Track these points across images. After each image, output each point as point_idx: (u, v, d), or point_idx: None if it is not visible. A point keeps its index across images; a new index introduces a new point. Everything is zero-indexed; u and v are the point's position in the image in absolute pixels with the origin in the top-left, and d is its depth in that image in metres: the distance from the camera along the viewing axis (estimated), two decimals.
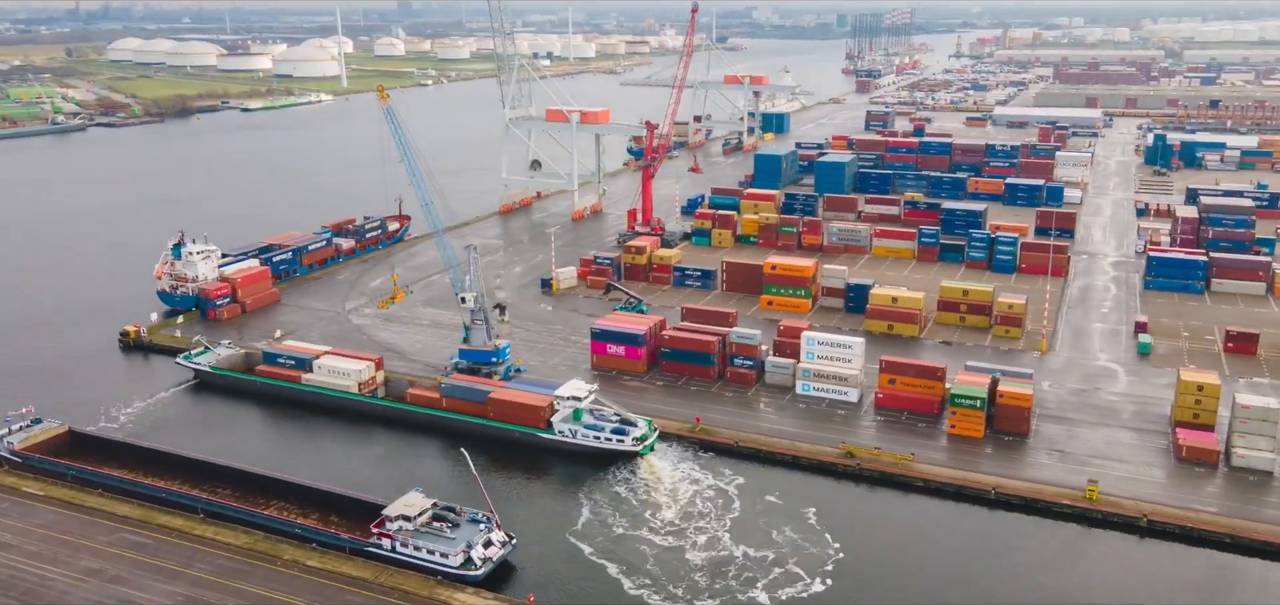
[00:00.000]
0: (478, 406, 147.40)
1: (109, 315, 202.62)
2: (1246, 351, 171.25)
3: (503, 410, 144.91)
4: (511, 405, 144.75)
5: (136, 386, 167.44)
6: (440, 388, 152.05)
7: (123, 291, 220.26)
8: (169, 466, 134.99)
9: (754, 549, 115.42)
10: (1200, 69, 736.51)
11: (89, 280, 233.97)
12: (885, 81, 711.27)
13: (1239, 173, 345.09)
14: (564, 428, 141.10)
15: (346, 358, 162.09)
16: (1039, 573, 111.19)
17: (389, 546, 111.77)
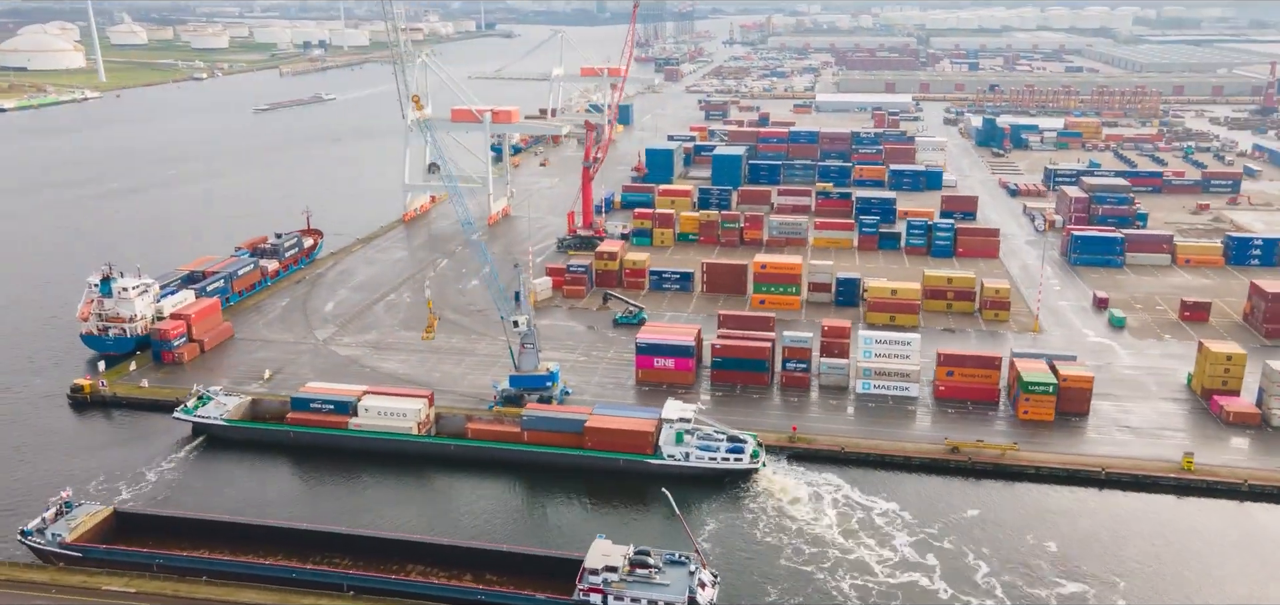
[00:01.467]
0: (571, 437, 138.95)
1: (28, 370, 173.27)
2: (1200, 319, 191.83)
3: (603, 439, 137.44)
4: (613, 432, 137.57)
5: (129, 453, 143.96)
6: (522, 420, 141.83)
7: (25, 340, 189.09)
8: (256, 539, 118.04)
9: (989, 560, 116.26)
10: (962, 55, 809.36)
11: None
12: (687, 70, 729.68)
13: (1058, 151, 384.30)
14: (674, 451, 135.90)
15: (395, 396, 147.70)
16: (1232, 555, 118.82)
17: (600, 600, 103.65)
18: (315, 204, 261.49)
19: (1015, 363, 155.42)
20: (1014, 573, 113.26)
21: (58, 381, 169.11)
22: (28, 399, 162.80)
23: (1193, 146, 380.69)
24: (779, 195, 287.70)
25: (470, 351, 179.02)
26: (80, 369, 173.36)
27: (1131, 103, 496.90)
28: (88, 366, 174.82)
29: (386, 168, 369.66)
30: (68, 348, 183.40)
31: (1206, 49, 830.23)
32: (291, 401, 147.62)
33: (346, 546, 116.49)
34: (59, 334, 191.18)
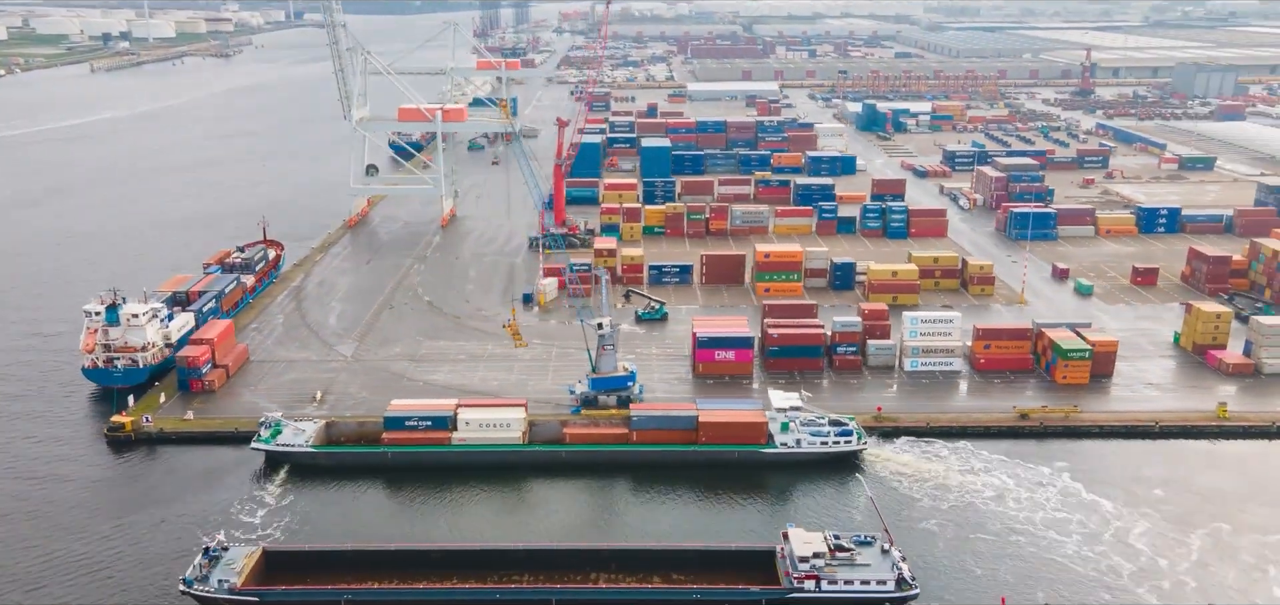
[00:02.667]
0: (685, 434, 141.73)
1: (35, 417, 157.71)
2: (1149, 283, 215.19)
3: (717, 432, 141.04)
4: (728, 426, 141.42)
5: (211, 491, 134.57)
6: (633, 420, 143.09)
7: (7, 384, 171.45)
8: (416, 564, 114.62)
9: (1140, 508, 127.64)
10: (797, 42, 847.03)
11: None
12: (539, 59, 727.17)
13: (934, 134, 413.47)
14: (785, 439, 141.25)
15: (494, 407, 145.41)
16: None
17: (814, 587, 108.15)
18: (250, 211, 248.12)
19: (1044, 332, 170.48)
20: (1172, 520, 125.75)
21: (79, 424, 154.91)
22: (58, 447, 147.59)
23: (1047, 127, 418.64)
24: (721, 185, 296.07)
25: (513, 357, 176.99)
26: (88, 408, 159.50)
27: (975, 86, 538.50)
28: (94, 403, 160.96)
29: (305, 170, 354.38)
30: (66, 385, 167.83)
31: (998, 36, 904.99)
32: (385, 421, 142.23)
33: (506, 562, 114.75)
34: (46, 372, 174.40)
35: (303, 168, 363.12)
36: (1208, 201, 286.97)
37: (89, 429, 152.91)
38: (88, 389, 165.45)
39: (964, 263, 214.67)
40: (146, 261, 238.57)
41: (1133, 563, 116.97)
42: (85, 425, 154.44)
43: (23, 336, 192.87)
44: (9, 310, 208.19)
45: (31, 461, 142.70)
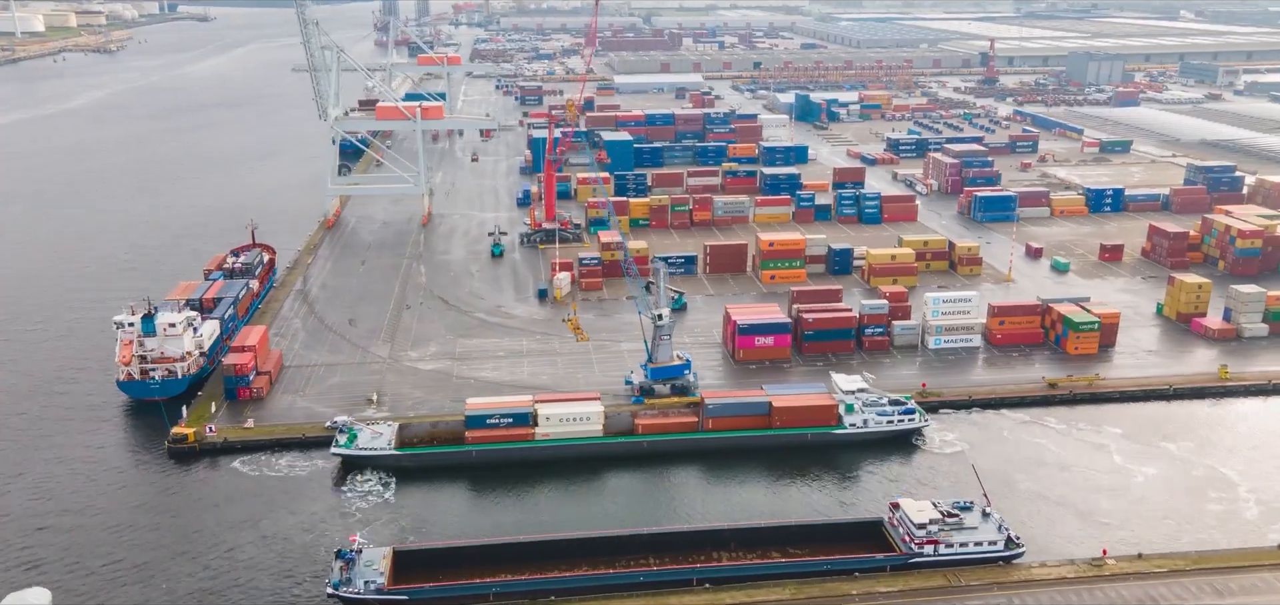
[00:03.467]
0: (759, 419, 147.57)
1: (72, 436, 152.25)
2: (1115, 258, 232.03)
3: (791, 417, 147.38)
4: (801, 409, 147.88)
5: (299, 499, 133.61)
6: (707, 408, 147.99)
7: (31, 401, 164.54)
8: (555, 553, 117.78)
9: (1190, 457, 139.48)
10: (704, 34, 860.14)
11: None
12: (445, 52, 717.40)
13: (865, 122, 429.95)
14: (854, 419, 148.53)
15: (572, 401, 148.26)
16: None
17: (933, 551, 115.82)
18: (216, 214, 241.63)
19: (1052, 307, 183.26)
20: (1229, 467, 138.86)
21: (131, 439, 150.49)
22: (120, 466, 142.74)
23: (970, 114, 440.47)
24: (690, 176, 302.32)
25: (553, 352, 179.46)
26: (132, 422, 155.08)
27: (889, 76, 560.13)
28: (135, 416, 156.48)
29: (262, 171, 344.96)
30: (99, 399, 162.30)
31: (890, 26, 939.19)
32: (467, 420, 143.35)
33: (631, 546, 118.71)
34: (70, 386, 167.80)
35: (258, 169, 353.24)
36: (1135, 181, 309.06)
37: (145, 443, 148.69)
38: (119, 402, 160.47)
39: (951, 245, 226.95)
40: (131, 269, 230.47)
41: (1213, 506, 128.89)
42: (139, 440, 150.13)
43: (29, 351, 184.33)
44: (6, 325, 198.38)
45: (99, 483, 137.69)
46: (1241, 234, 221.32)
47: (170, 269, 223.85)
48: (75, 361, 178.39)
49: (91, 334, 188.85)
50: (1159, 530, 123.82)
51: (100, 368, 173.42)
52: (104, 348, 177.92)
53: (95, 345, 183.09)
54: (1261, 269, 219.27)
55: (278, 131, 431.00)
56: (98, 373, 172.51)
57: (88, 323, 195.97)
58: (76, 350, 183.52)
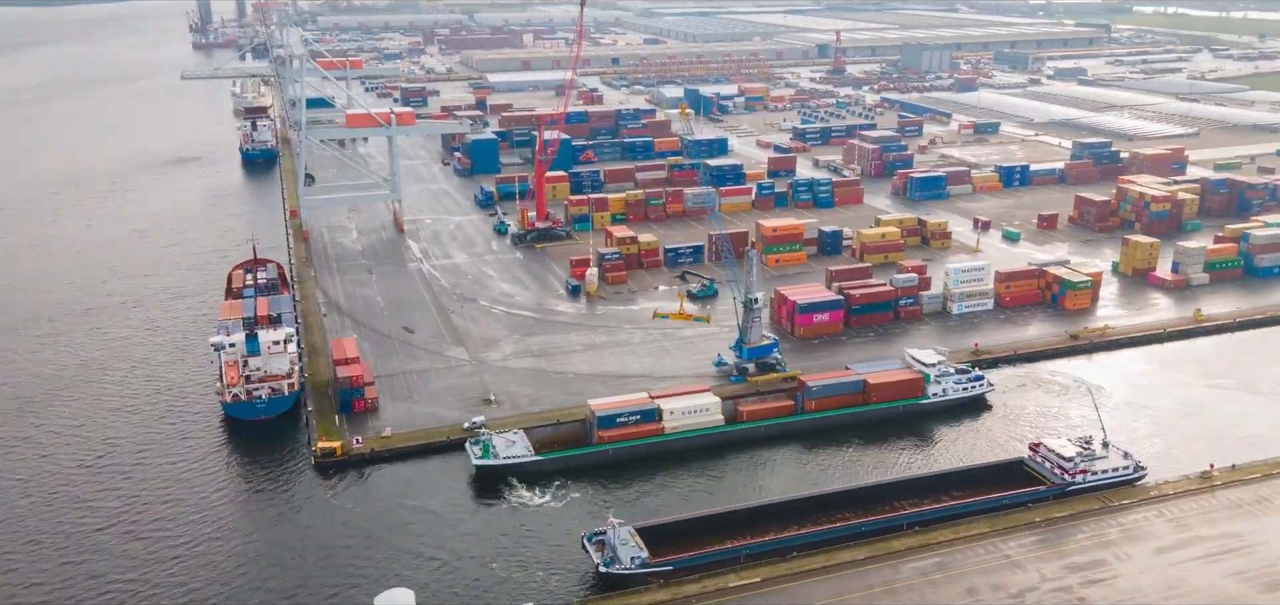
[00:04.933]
0: (856, 396, 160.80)
1: (186, 469, 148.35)
2: (1052, 226, 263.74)
3: (885, 392, 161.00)
4: (893, 384, 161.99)
5: (463, 502, 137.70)
6: (809, 390, 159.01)
7: (124, 427, 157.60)
8: (767, 517, 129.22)
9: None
10: (543, 31, 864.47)
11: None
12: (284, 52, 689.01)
13: (749, 115, 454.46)
14: (935, 389, 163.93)
15: (689, 395, 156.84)
16: None
17: (1083, 479, 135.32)
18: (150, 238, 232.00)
19: (1046, 270, 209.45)
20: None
21: (263, 459, 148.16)
22: (274, 486, 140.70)
23: (843, 102, 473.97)
24: (639, 172, 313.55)
25: (628, 343, 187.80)
26: (247, 443, 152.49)
27: (748, 68, 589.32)
28: (230, 435, 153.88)
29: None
30: (201, 424, 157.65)
31: (715, 20, 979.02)
32: (598, 420, 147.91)
33: (827, 505, 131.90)
34: (167, 418, 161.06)
35: (161, 184, 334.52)
36: (1021, 158, 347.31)
37: (282, 460, 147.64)
38: (217, 425, 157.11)
39: (922, 222, 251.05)
40: (125, 293, 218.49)
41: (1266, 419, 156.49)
42: (274, 458, 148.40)
43: (96, 389, 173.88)
44: (61, 353, 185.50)
45: (276, 503, 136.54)
46: (1155, 199, 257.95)
47: (169, 290, 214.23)
48: (151, 392, 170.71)
49: (144, 364, 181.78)
50: (1233, 443, 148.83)
51: (182, 394, 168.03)
52: (164, 375, 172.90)
53: (157, 374, 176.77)
54: (1168, 228, 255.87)
55: (166, 140, 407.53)
56: (179, 398, 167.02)
57: (128, 351, 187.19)
58: (147, 381, 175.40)
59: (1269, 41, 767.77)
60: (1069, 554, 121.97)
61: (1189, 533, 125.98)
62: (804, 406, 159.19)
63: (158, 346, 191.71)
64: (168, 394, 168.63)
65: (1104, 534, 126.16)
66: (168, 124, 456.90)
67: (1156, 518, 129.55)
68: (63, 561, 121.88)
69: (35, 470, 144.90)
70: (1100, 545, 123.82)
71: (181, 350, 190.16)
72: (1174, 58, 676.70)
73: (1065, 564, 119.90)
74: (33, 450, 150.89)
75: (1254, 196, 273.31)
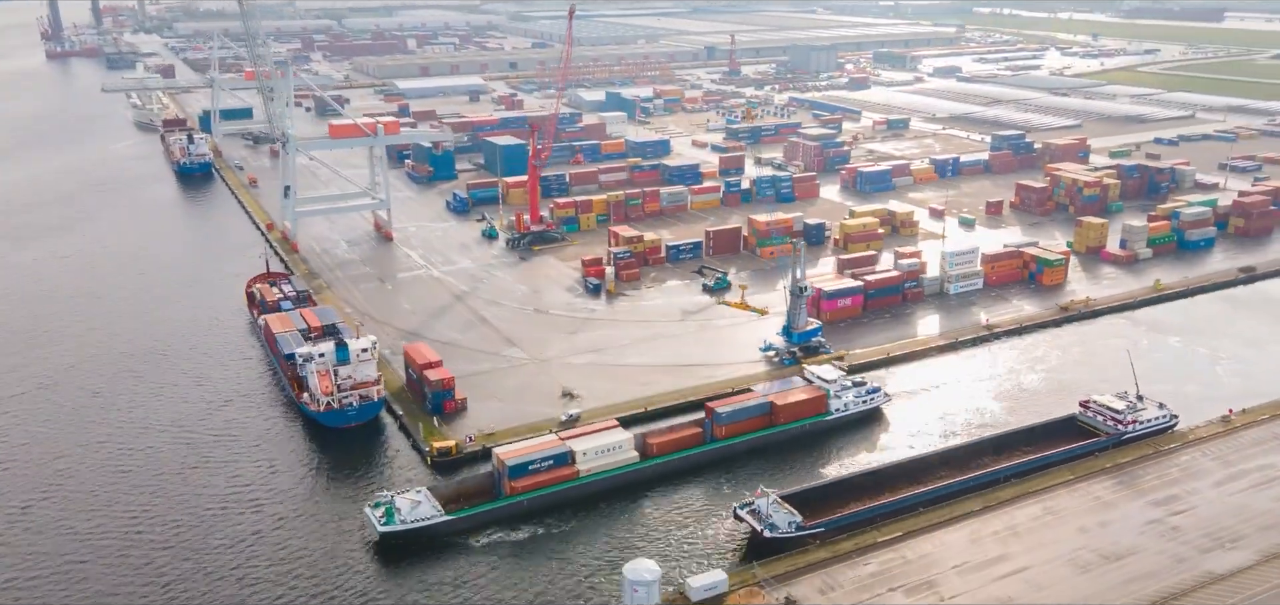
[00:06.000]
0: (764, 418, 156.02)
1: (297, 471, 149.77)
2: (997, 212, 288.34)
3: (791, 412, 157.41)
4: (800, 404, 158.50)
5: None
6: (718, 416, 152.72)
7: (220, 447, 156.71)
8: (884, 480, 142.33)
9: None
10: (428, 37, 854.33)
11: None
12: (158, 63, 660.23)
13: (670, 116, 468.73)
14: (836, 405, 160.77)
15: (598, 433, 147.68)
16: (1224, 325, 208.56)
17: (1135, 427, 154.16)
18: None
19: (1022, 250, 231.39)
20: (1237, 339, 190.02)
21: (377, 464, 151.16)
22: (402, 485, 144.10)
23: (754, 103, 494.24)
24: (602, 174, 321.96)
25: (670, 336, 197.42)
26: (348, 449, 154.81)
27: (651, 71, 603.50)
28: (326, 445, 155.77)
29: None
30: (287, 434, 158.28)
31: (587, 23, 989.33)
32: (510, 470, 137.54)
33: (918, 469, 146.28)
34: (245, 435, 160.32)
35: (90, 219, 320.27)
36: (939, 151, 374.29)
37: (394, 461, 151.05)
38: (299, 434, 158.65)
39: (892, 213, 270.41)
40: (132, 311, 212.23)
41: (1258, 367, 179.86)
42: (386, 460, 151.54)
43: (162, 417, 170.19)
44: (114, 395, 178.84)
45: None
46: (1087, 184, 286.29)
47: (189, 319, 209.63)
48: (218, 408, 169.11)
49: (199, 385, 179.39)
50: (1231, 390, 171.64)
51: (251, 405, 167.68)
52: (221, 389, 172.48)
53: (211, 394, 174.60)
54: (1098, 210, 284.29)
55: (75, 160, 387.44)
56: (252, 409, 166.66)
57: (171, 375, 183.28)
58: (210, 399, 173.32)
59: (1102, 40, 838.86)
60: (1146, 493, 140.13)
61: (1234, 467, 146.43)
62: (713, 433, 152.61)
63: (211, 371, 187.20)
64: (237, 402, 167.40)
65: (1166, 473, 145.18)
66: (68, 143, 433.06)
67: (1201, 457, 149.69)
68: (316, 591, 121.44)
69: (194, 519, 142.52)
70: (1166, 484, 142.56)
71: (226, 366, 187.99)
72: (1027, 56, 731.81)
73: (1146, 501, 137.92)
74: (188, 512, 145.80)
75: (1162, 179, 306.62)
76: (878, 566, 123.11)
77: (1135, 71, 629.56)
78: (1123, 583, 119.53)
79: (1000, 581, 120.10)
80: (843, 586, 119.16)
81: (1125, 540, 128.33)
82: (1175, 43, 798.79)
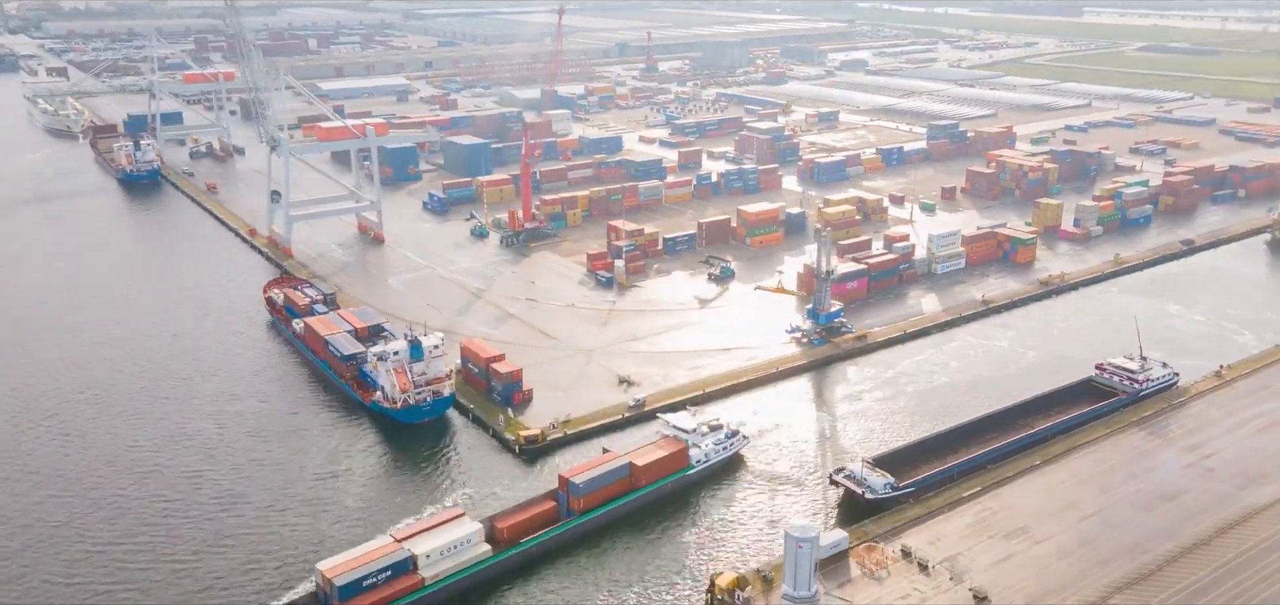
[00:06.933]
0: (625, 482, 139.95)
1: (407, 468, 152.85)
2: (951, 197, 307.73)
3: (652, 471, 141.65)
4: (660, 462, 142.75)
5: None
6: (574, 487, 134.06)
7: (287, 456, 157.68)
8: (953, 441, 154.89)
9: None
10: (329, 37, 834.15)
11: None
12: (53, 68, 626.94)
13: (606, 113, 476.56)
14: (697, 455, 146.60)
15: (441, 526, 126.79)
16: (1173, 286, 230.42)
17: (1149, 384, 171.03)
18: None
19: (996, 231, 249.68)
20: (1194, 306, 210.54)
21: (466, 452, 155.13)
22: (496, 479, 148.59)
23: (683, 98, 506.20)
24: (572, 171, 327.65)
25: (693, 324, 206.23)
26: (409, 451, 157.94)
27: (570, 68, 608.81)
28: (401, 441, 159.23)
29: None
30: (366, 430, 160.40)
31: (481, 21, 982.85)
32: (339, 591, 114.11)
33: (976, 430, 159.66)
34: (331, 440, 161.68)
35: None
36: (876, 141, 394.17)
37: (479, 448, 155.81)
38: (369, 431, 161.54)
39: (862, 201, 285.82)
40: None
41: (1224, 326, 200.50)
42: (472, 450, 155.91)
43: (245, 436, 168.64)
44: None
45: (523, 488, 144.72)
46: (1031, 169, 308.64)
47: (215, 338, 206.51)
48: (284, 416, 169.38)
49: (261, 400, 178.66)
50: (1209, 346, 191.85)
51: (312, 410, 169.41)
52: (279, 400, 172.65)
53: (272, 406, 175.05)
54: (1041, 193, 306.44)
55: None
56: (312, 414, 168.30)
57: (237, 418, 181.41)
58: (273, 411, 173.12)
59: (982, 34, 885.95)
60: (1174, 441, 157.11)
61: (1239, 414, 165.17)
62: (570, 506, 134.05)
63: (257, 383, 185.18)
64: (308, 423, 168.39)
65: (1184, 424, 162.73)
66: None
67: (1209, 407, 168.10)
68: None
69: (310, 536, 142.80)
70: (1187, 432, 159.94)
71: (264, 374, 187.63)
72: (920, 49, 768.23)
73: (1176, 448, 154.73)
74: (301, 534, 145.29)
75: (1092, 163, 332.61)
76: (972, 518, 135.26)
77: (1023, 64, 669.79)
78: (1183, 519, 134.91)
79: (1082, 523, 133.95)
80: (947, 537, 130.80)
81: (1172, 483, 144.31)
82: (1047, 36, 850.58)
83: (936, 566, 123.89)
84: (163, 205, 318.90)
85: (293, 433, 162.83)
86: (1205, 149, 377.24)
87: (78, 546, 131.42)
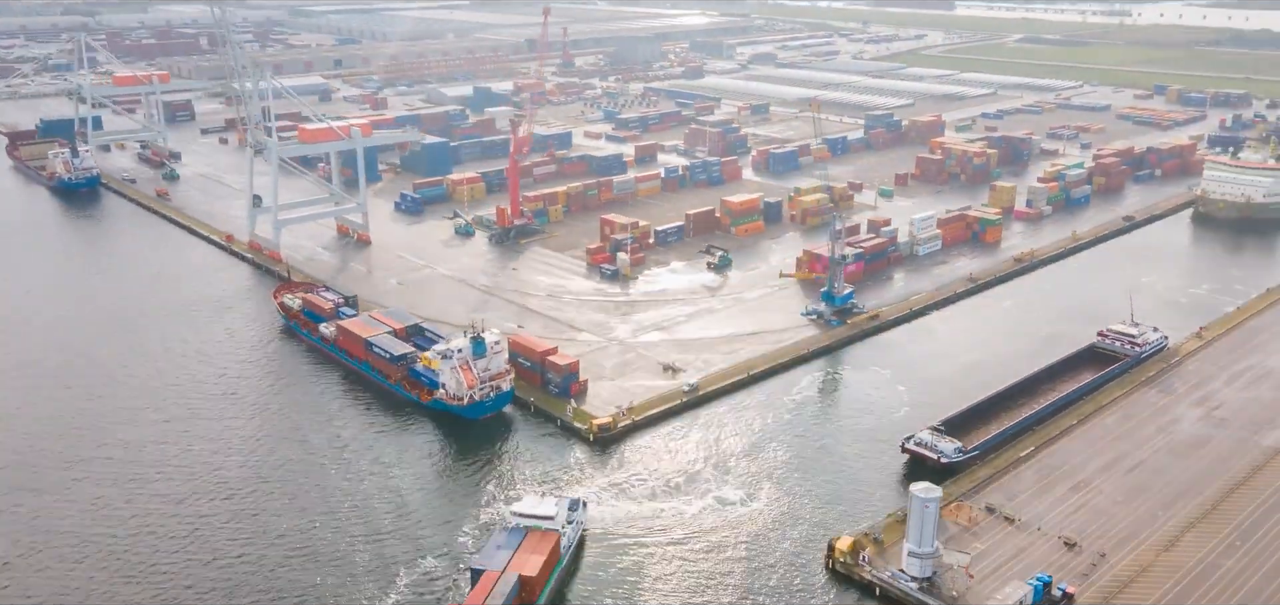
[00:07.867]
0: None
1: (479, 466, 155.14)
2: (903, 182, 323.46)
3: (542, 577, 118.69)
4: (546, 565, 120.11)
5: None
6: None
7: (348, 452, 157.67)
8: (993, 407, 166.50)
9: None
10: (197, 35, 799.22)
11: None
12: None
13: (553, 109, 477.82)
14: (565, 541, 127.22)
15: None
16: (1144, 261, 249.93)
17: (1147, 348, 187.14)
18: None
19: (965, 214, 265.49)
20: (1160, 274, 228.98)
21: (544, 445, 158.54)
22: (569, 468, 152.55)
23: (612, 93, 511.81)
24: (537, 167, 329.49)
25: (709, 310, 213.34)
26: (483, 449, 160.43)
27: (485, 65, 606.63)
28: (468, 438, 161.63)
29: None
30: (431, 428, 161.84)
31: (379, 17, 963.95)
32: None
33: (1011, 396, 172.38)
34: (400, 444, 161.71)
35: None
36: (813, 132, 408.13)
37: (560, 442, 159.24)
38: (435, 429, 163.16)
39: (830, 188, 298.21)
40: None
41: (1195, 287, 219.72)
42: (545, 441, 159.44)
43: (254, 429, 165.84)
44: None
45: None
46: (976, 154, 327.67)
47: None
48: (327, 423, 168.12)
49: (311, 412, 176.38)
50: (1179, 309, 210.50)
51: (357, 414, 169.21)
52: (320, 407, 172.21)
53: (316, 413, 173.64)
54: (985, 177, 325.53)
55: None
56: (357, 418, 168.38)
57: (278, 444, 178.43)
58: (318, 419, 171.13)
59: (872, 28, 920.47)
60: (1183, 396, 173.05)
61: (1230, 369, 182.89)
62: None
63: (294, 394, 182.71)
64: (363, 430, 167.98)
65: (1187, 379, 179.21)
66: None
67: (1202, 364, 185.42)
68: None
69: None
70: (1191, 388, 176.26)
71: (292, 380, 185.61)
72: (819, 41, 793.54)
73: (1187, 402, 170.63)
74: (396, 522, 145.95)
75: (1024, 148, 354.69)
76: (1036, 474, 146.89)
77: (919, 55, 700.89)
78: (1215, 463, 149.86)
79: (1132, 472, 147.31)
80: (1022, 493, 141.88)
81: (1194, 432, 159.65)
82: (929, 29, 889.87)
83: (1022, 520, 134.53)
84: (105, 214, 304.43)
85: (368, 438, 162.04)
86: (1111, 132, 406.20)
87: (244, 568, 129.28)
